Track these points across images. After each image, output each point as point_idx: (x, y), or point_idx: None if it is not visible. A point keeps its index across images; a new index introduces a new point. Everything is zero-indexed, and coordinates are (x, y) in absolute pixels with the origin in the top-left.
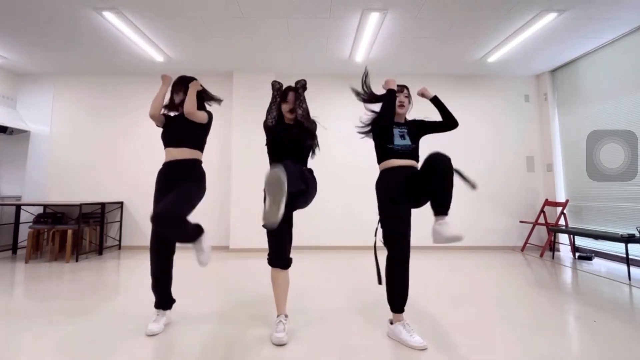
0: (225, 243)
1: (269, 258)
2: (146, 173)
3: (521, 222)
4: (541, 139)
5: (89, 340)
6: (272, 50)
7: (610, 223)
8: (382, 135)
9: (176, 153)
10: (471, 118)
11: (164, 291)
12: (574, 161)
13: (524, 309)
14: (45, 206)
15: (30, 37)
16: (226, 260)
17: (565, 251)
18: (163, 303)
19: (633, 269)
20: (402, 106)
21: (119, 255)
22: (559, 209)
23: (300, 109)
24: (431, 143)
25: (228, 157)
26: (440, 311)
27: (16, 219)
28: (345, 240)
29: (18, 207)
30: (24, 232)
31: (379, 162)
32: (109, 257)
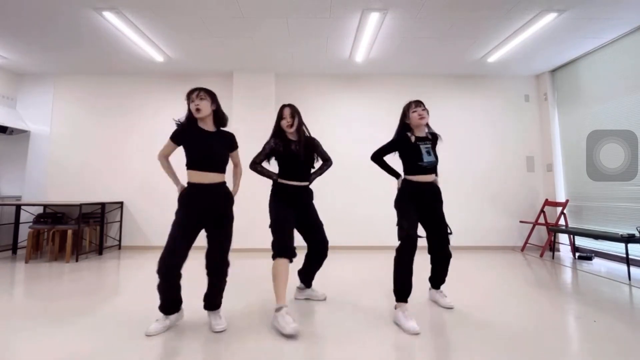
0: None
1: (278, 249)
2: (146, 173)
3: (521, 222)
4: (541, 139)
5: (89, 340)
6: (272, 50)
7: (610, 223)
8: (413, 153)
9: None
10: (471, 118)
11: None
12: (574, 161)
13: (524, 309)
14: (45, 206)
15: (30, 37)
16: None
17: (565, 251)
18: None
19: (633, 269)
20: (423, 117)
21: (119, 255)
22: (559, 209)
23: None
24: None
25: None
26: (439, 311)
27: (16, 219)
28: (340, 240)
29: (18, 207)
30: (24, 232)
31: (407, 174)
32: (109, 257)
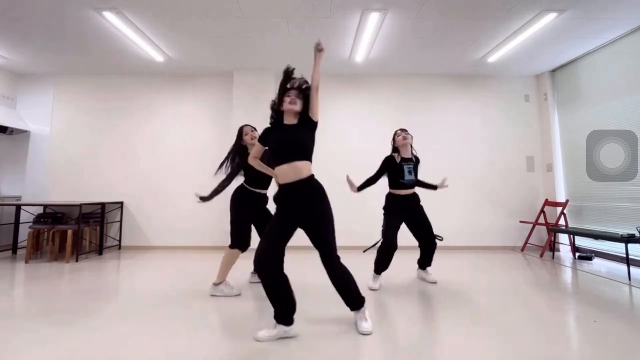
0: (225, 243)
1: (238, 244)
2: (146, 173)
3: (521, 222)
4: (541, 139)
5: (89, 340)
6: (272, 50)
7: (610, 223)
8: (397, 172)
9: None
10: (471, 118)
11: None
12: (574, 161)
13: (524, 309)
14: (45, 206)
15: (30, 37)
16: None
17: (565, 251)
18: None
19: (633, 269)
20: (405, 139)
21: (119, 255)
22: (559, 209)
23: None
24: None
25: None
26: (439, 311)
27: (16, 219)
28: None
29: (18, 207)
30: (24, 232)
31: (391, 188)
32: (109, 257)
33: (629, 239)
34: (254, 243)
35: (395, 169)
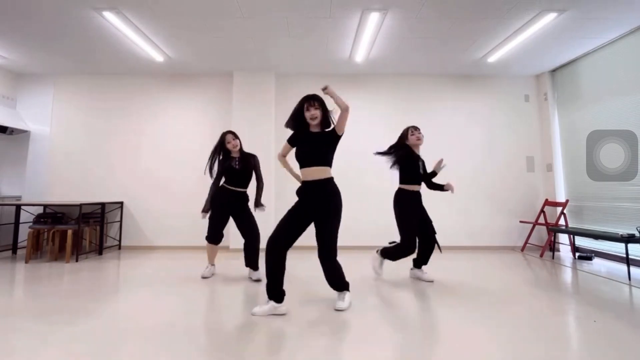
0: (225, 243)
1: (210, 237)
2: (146, 173)
3: (521, 222)
4: (541, 139)
5: (89, 340)
6: (272, 50)
7: (610, 223)
8: (414, 167)
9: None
10: (471, 118)
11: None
12: (574, 161)
13: (524, 309)
14: (45, 206)
15: (30, 37)
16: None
17: (565, 251)
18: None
19: (633, 269)
20: (419, 139)
21: (119, 255)
22: (559, 209)
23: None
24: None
25: None
26: (439, 311)
27: (16, 219)
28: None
29: (18, 207)
30: (24, 232)
31: (404, 183)
32: (109, 257)
33: (629, 239)
34: (233, 238)
35: (412, 164)
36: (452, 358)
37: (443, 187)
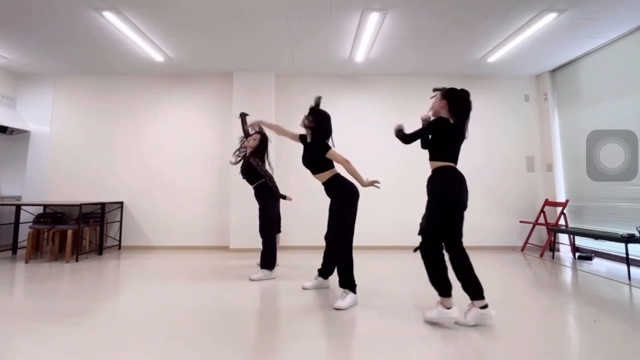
0: (225, 243)
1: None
2: (146, 173)
3: (521, 222)
4: (541, 139)
5: (89, 340)
6: (272, 50)
7: (610, 223)
8: (457, 135)
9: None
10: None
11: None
12: (574, 161)
13: (524, 309)
14: (45, 206)
15: (30, 37)
16: (226, 260)
17: (565, 251)
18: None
19: (633, 269)
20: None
21: (119, 255)
22: (559, 209)
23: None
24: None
25: (228, 157)
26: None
27: (16, 219)
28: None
29: (18, 207)
30: (24, 232)
31: (443, 160)
32: (109, 257)
33: (629, 239)
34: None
35: (455, 133)
36: (452, 358)
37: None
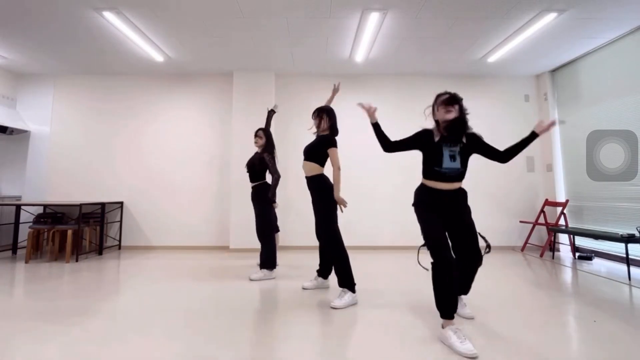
0: (225, 243)
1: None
2: (146, 173)
3: (521, 222)
4: (541, 139)
5: (89, 340)
6: (272, 50)
7: (610, 223)
8: (432, 156)
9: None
10: (471, 118)
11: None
12: (574, 161)
13: (524, 309)
14: (45, 206)
15: (30, 37)
16: (226, 260)
17: (565, 251)
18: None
19: (633, 269)
20: (450, 112)
21: (119, 255)
22: (559, 209)
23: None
24: None
25: (228, 157)
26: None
27: (16, 219)
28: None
29: (18, 207)
30: (24, 232)
31: (425, 178)
32: (109, 257)
33: (629, 239)
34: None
35: (430, 151)
36: (452, 358)
37: (532, 137)
